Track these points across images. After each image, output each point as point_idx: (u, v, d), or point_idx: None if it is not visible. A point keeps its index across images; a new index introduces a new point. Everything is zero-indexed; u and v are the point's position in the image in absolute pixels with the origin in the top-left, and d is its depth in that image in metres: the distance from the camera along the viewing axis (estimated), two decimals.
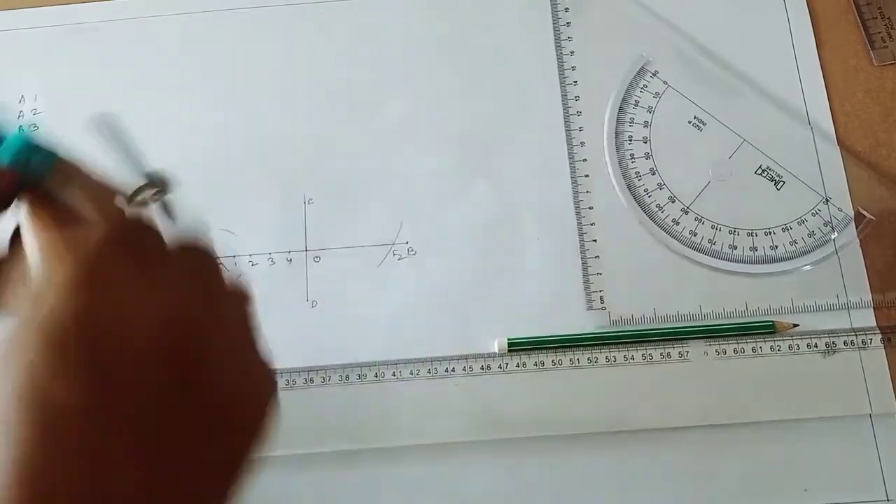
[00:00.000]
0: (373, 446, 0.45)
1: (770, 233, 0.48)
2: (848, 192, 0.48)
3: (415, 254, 0.49)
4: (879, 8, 0.52)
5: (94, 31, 0.54)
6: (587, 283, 0.48)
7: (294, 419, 0.46)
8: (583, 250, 0.48)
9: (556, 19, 0.53)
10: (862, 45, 0.52)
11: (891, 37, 0.52)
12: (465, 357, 0.47)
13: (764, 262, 0.47)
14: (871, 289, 0.47)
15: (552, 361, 0.46)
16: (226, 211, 0.50)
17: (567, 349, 0.46)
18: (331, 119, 0.51)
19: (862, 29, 0.52)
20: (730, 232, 0.48)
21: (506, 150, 0.50)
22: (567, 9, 0.53)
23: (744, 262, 0.47)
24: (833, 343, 0.46)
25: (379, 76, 0.52)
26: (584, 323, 0.47)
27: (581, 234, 0.48)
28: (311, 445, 0.45)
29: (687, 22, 0.52)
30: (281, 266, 0.49)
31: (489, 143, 0.51)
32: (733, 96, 0.50)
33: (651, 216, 0.48)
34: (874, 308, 0.47)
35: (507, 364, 0.46)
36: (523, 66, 0.52)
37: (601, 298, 0.47)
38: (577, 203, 0.49)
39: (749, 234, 0.48)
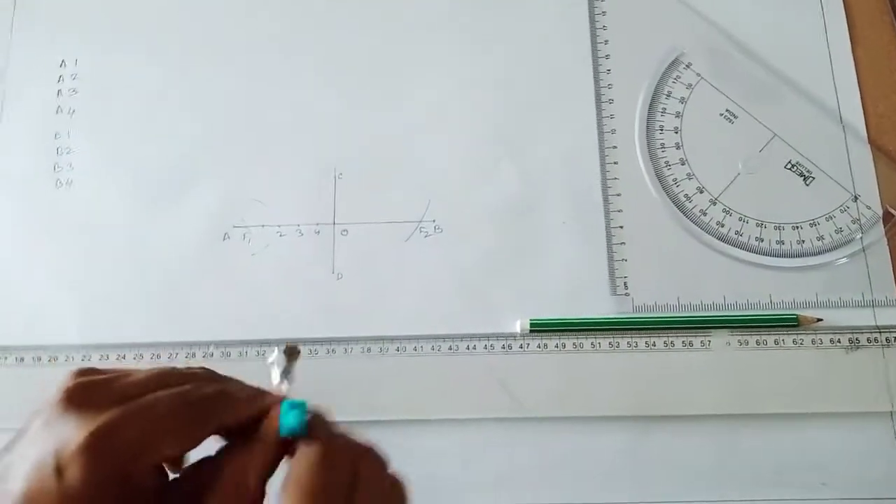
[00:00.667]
0: (391, 418, 0.46)
1: (797, 227, 0.48)
2: (877, 191, 0.48)
3: (441, 232, 0.49)
4: None
5: (134, 1, 0.55)
6: (612, 269, 0.48)
7: (315, 387, 0.46)
8: (609, 236, 0.48)
9: (591, 7, 0.53)
10: None
11: None
12: (487, 336, 0.47)
13: (790, 255, 0.47)
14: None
15: (573, 344, 0.46)
16: (257, 180, 0.51)
17: (589, 332, 0.46)
18: (365, 97, 0.52)
19: None
20: (757, 224, 0.48)
21: (536, 133, 0.51)
22: None
23: (770, 254, 0.48)
24: (856, 339, 0.46)
25: (415, 57, 0.53)
26: (607, 307, 0.47)
27: (608, 219, 0.49)
28: (333, 415, 0.46)
29: (722, 15, 0.52)
30: (309, 237, 0.49)
31: (520, 126, 0.51)
32: (765, 91, 0.50)
33: (679, 205, 0.49)
34: None
35: (528, 344, 0.47)
36: (557, 52, 0.52)
37: (625, 284, 0.47)
38: (605, 189, 0.49)
39: (776, 228, 0.48)
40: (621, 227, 0.49)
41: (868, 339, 0.46)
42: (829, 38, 0.52)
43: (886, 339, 0.46)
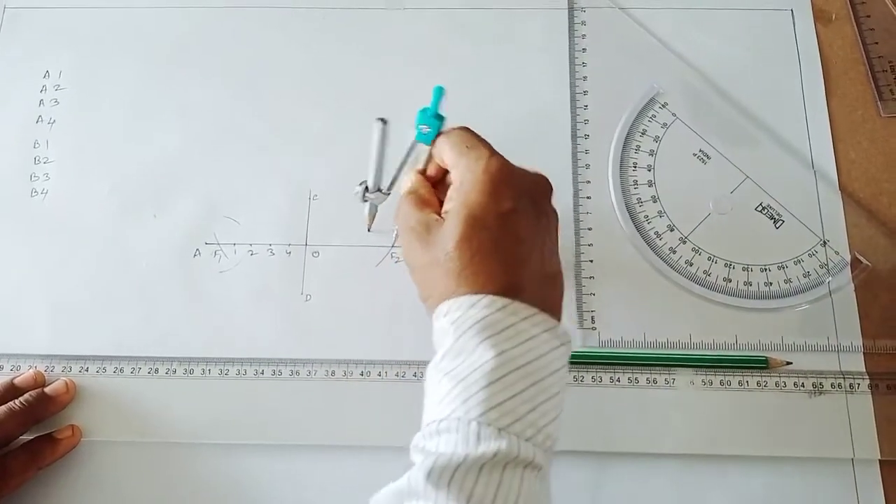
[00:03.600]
0: (353, 444, 0.45)
1: (766, 269, 0.48)
2: (846, 237, 0.49)
3: None
4: (890, 62, 0.53)
5: (121, 15, 0.56)
6: (580, 302, 0.48)
7: (277, 410, 0.46)
8: (578, 269, 0.49)
9: (572, 45, 0.54)
10: (871, 95, 0.53)
11: None
12: None
13: (757, 297, 0.48)
14: (862, 334, 0.47)
15: None
16: (231, 198, 0.51)
17: None
18: (344, 121, 0.52)
19: (871, 80, 0.53)
20: (725, 265, 0.48)
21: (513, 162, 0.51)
22: (584, 35, 0.54)
23: (737, 295, 0.48)
24: (820, 384, 0.46)
25: (395, 85, 0.53)
26: (573, 341, 0.47)
27: (578, 252, 0.49)
28: (291, 437, 0.45)
29: (699, 58, 0.53)
30: (280, 257, 0.50)
31: None
32: (739, 133, 0.51)
33: (649, 242, 0.49)
34: (864, 353, 0.47)
35: None
36: (538, 86, 0.53)
37: (592, 318, 0.48)
38: (576, 222, 0.50)
39: (745, 269, 0.48)
40: (591, 261, 0.49)
41: (832, 385, 0.46)
42: (804, 85, 0.53)
43: (850, 386, 0.46)
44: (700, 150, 0.51)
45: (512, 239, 0.36)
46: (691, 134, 0.51)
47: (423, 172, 0.42)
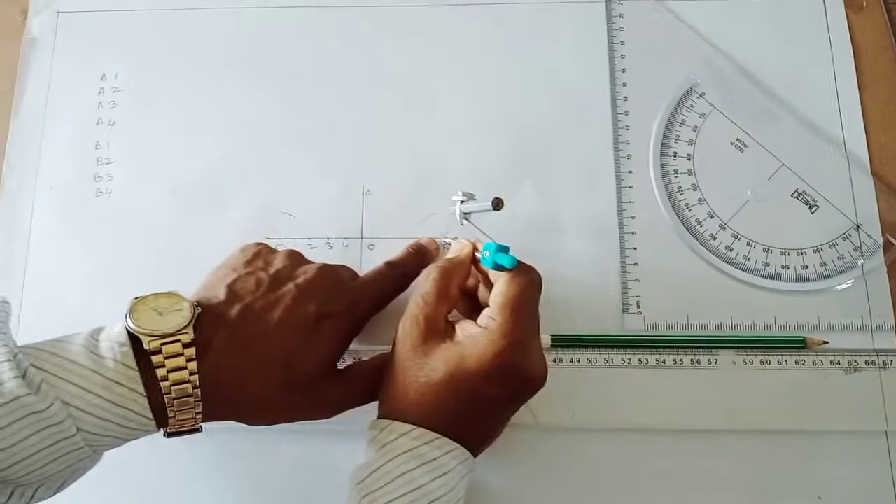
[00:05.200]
0: None
1: (802, 253, 0.51)
2: (878, 220, 0.51)
3: None
4: None
5: (172, 17, 0.57)
6: (625, 288, 0.50)
7: None
8: (623, 257, 0.51)
9: (611, 37, 0.55)
10: None
11: None
12: None
13: (794, 280, 0.50)
14: (894, 313, 0.49)
15: (587, 359, 0.49)
16: (290, 194, 0.53)
17: (603, 349, 0.49)
18: (394, 118, 0.55)
19: None
20: (764, 250, 0.51)
21: (555, 157, 0.53)
22: (622, 28, 0.55)
23: (775, 279, 0.50)
24: (855, 361, 0.49)
25: (442, 82, 0.55)
26: (619, 325, 0.50)
27: (622, 241, 0.51)
28: (349, 423, 0.48)
29: (736, 48, 0.55)
30: (338, 250, 0.52)
31: (540, 150, 0.53)
32: (775, 122, 0.53)
33: (690, 229, 0.51)
34: None
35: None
36: (578, 78, 0.55)
37: (637, 303, 0.50)
38: (620, 212, 0.52)
39: (782, 253, 0.51)
40: (635, 248, 0.51)
41: (866, 362, 0.48)
42: (836, 72, 0.54)
43: (883, 363, 0.48)
44: (737, 139, 0.53)
45: (476, 413, 0.40)
46: (728, 123, 0.53)
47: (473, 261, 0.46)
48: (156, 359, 0.37)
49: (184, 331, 0.37)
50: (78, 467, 0.36)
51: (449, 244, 0.51)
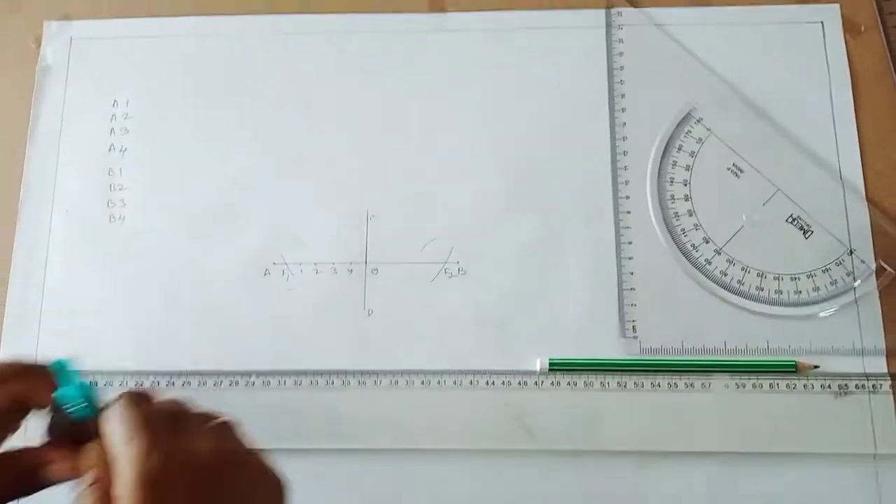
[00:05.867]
0: (416, 447, 0.50)
1: (795, 278, 0.52)
2: (871, 246, 0.52)
3: (465, 273, 0.53)
4: None
5: (181, 44, 0.59)
6: (622, 313, 0.52)
7: (346, 417, 0.51)
8: (620, 281, 0.52)
9: (610, 62, 0.56)
10: None
11: None
12: (505, 372, 0.51)
13: (787, 304, 0.51)
14: (885, 338, 0.50)
15: (584, 383, 0.51)
16: (296, 220, 0.55)
17: (600, 372, 0.51)
18: (397, 146, 0.56)
19: None
20: (758, 275, 0.52)
21: (555, 182, 0.54)
22: (622, 53, 0.56)
23: (769, 303, 0.51)
24: (845, 385, 0.50)
25: (443, 110, 0.56)
26: (616, 349, 0.51)
27: (619, 265, 0.53)
28: (359, 441, 0.50)
29: (734, 73, 0.56)
30: (342, 275, 0.54)
31: (540, 175, 0.55)
32: (771, 147, 0.54)
33: (686, 254, 0.52)
34: (887, 356, 0.50)
35: (542, 381, 0.51)
36: (577, 104, 0.56)
37: (633, 328, 0.51)
38: (617, 237, 0.53)
39: (776, 278, 0.52)
40: (632, 273, 0.52)
41: (856, 386, 0.50)
42: (833, 97, 0.55)
43: (873, 386, 0.50)
44: (734, 165, 0.54)
45: None
46: (725, 148, 0.54)
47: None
48: None
49: None
50: None
51: None
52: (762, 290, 0.52)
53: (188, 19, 0.59)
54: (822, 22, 0.57)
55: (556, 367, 0.51)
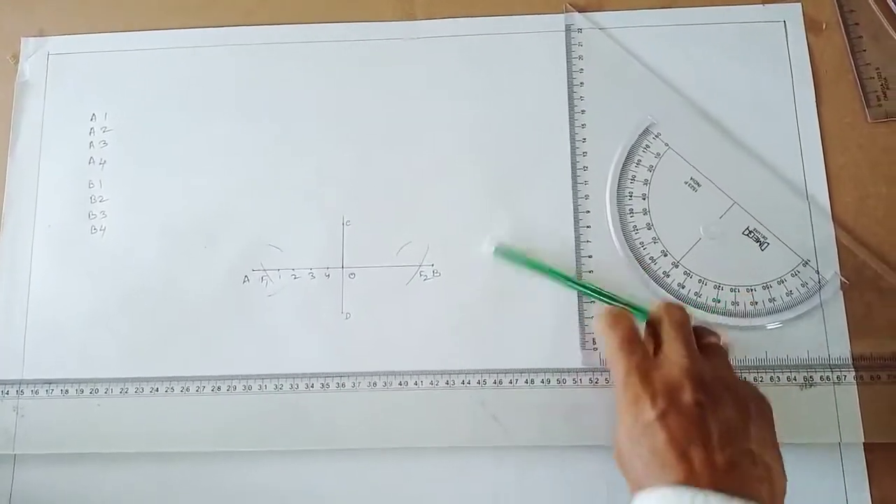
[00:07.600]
0: (393, 446, 0.52)
1: (751, 290, 0.53)
2: (829, 254, 0.53)
3: (439, 276, 0.55)
4: (877, 68, 0.56)
5: (159, 56, 0.60)
6: (582, 325, 0.53)
7: (325, 418, 0.52)
8: (580, 294, 0.53)
9: (570, 77, 0.57)
10: (859, 102, 0.56)
11: (886, 96, 0.56)
12: (480, 371, 0.52)
13: (744, 315, 0.53)
14: (849, 340, 0.52)
15: (557, 380, 0.52)
16: (274, 228, 0.56)
17: (573, 372, 0.52)
18: (372, 153, 0.57)
19: (860, 87, 0.56)
20: (715, 287, 0.53)
21: (522, 188, 0.56)
22: (582, 70, 0.57)
23: (726, 314, 0.53)
24: (811, 377, 0.51)
25: (416, 113, 0.58)
26: (577, 361, 0.53)
27: (580, 278, 0.54)
28: (338, 442, 0.52)
29: (695, 76, 0.57)
30: (320, 280, 0.55)
31: (509, 180, 0.56)
32: (730, 159, 0.55)
33: (644, 267, 0.54)
34: (850, 350, 0.52)
35: (516, 380, 0.52)
36: (541, 117, 0.57)
37: (593, 340, 0.53)
38: (578, 249, 0.54)
39: (732, 290, 0.53)
40: None
41: (821, 378, 0.51)
42: (796, 97, 0.56)
43: (837, 378, 0.51)
44: (691, 178, 0.55)
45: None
46: (683, 163, 0.55)
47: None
48: None
49: None
50: None
51: None
52: (719, 301, 0.53)
53: (163, 33, 0.60)
54: (784, 21, 0.57)
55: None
